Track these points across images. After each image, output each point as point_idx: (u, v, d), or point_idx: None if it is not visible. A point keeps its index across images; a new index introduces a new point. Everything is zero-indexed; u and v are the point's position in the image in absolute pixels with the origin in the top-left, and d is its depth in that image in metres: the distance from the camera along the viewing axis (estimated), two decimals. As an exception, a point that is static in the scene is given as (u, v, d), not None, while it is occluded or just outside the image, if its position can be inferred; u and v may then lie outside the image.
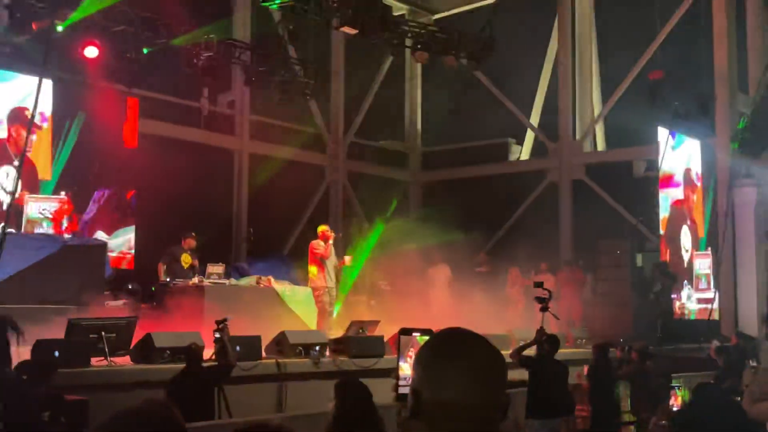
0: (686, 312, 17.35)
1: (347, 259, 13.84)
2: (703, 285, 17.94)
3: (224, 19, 17.50)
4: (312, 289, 13.29)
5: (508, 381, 1.98)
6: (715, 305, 17.05)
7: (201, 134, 18.14)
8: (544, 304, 10.03)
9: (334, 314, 13.76)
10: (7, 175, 13.71)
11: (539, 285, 10.41)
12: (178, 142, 17.24)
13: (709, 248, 18.13)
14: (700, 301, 17.71)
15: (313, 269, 13.28)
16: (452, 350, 1.95)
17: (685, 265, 17.91)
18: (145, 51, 14.44)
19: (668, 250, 17.40)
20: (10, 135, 13.88)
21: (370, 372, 10.00)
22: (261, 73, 16.58)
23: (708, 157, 18.19)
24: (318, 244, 13.24)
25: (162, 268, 13.08)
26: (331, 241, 13.36)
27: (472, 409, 1.88)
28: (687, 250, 18.00)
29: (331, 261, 13.35)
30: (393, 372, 4.64)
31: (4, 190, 13.62)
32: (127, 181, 15.80)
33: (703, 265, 18.14)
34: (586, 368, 10.88)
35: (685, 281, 17.64)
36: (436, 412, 1.88)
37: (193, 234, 13.41)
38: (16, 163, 13.61)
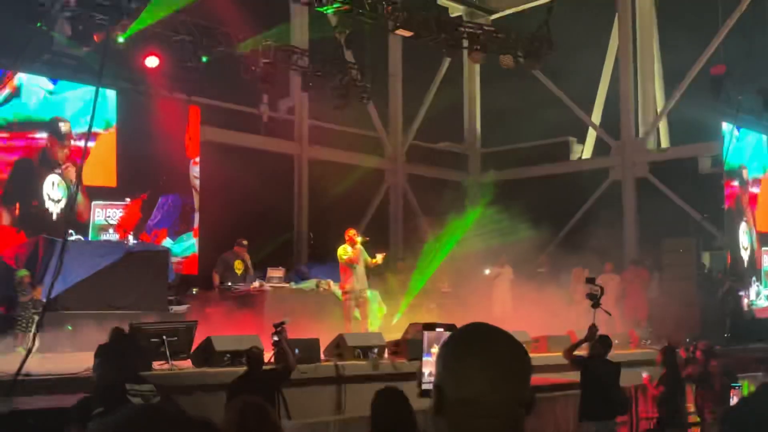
0: (755, 310, 16.91)
1: (379, 257, 13.41)
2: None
3: (281, 25, 17.65)
4: (342, 293, 13.05)
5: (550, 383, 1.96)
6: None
7: (261, 140, 18.37)
8: (595, 300, 9.89)
9: (369, 318, 13.33)
10: (53, 184, 14.08)
11: (591, 281, 10.29)
12: (238, 149, 17.47)
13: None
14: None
15: (342, 273, 13.08)
16: (474, 345, 1.93)
17: (746, 264, 17.46)
18: (204, 59, 14.66)
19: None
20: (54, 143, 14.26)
21: (429, 374, 9.98)
22: (319, 78, 16.70)
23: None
24: (345, 249, 13.03)
25: (216, 276, 13.25)
26: (358, 245, 13.11)
27: (494, 405, 1.86)
28: (746, 248, 17.54)
29: (361, 264, 13.11)
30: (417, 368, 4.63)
31: (52, 199, 13.98)
32: (190, 188, 16.09)
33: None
34: (645, 376, 10.69)
35: (753, 278, 17.20)
36: (459, 408, 1.87)
37: (245, 242, 13.55)
38: (58, 171, 14.03)
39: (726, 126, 16.83)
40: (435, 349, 2.96)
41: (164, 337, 9.09)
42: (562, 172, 21.52)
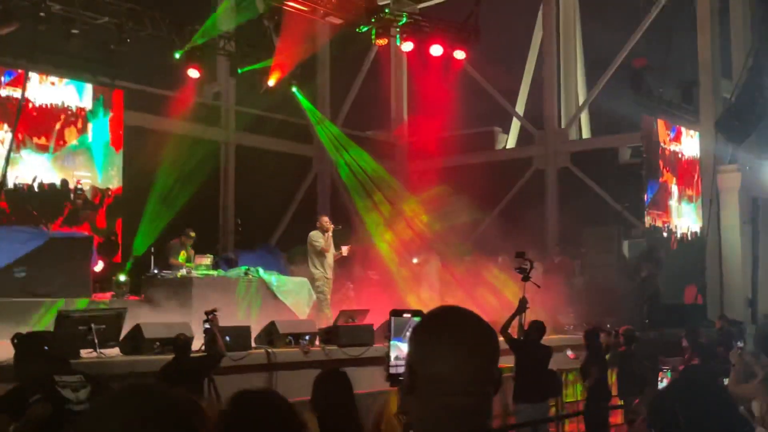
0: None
1: (345, 249, 13.68)
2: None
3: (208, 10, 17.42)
4: (311, 279, 13.19)
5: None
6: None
7: (187, 126, 18.07)
8: (525, 273, 10.18)
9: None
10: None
11: (521, 255, 10.55)
12: (163, 134, 17.17)
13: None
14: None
15: (312, 260, 13.18)
16: (445, 326, 1.99)
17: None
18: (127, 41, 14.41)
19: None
20: None
21: (360, 361, 10.05)
22: (246, 63, 16.55)
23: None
24: (317, 236, 13.12)
25: (174, 262, 13.03)
26: (329, 233, 13.23)
27: (465, 383, 1.91)
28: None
29: (330, 252, 13.25)
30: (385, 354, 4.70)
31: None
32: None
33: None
34: (570, 354, 10.98)
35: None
36: (430, 387, 1.92)
37: (192, 234, 13.43)
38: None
39: (646, 119, 17.27)
40: (402, 334, 3.01)
41: (92, 324, 8.93)
42: (487, 161, 21.79)
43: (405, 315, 2.72)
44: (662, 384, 8.52)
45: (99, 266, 14.27)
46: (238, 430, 2.58)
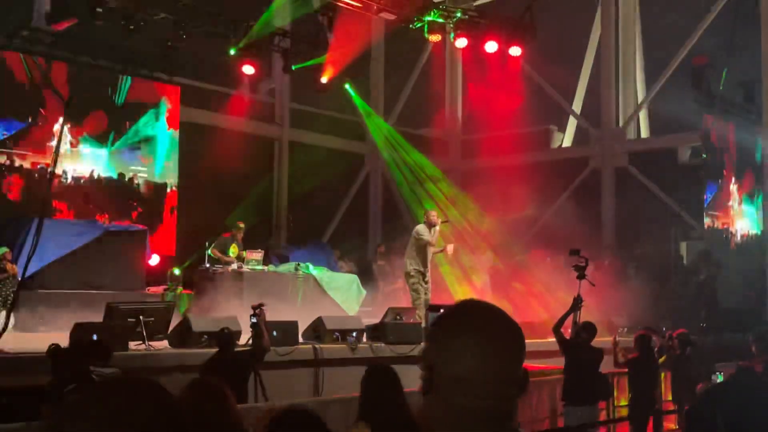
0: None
1: (450, 247, 13.11)
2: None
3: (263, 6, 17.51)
4: (406, 275, 12.75)
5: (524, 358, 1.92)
6: None
7: (241, 122, 18.22)
8: (580, 272, 10.00)
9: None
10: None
11: (576, 253, 10.37)
12: (218, 130, 17.34)
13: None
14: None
15: (411, 255, 12.66)
16: (467, 323, 1.89)
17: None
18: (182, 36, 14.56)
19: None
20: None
21: (407, 359, 9.97)
22: (300, 60, 16.59)
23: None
24: (424, 230, 12.63)
25: (216, 253, 13.11)
26: (437, 227, 12.77)
27: (486, 383, 1.82)
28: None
29: (433, 248, 12.76)
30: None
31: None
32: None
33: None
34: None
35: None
36: (450, 386, 1.83)
37: (242, 225, 13.51)
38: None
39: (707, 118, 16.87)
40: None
41: (141, 317, 9.02)
42: (543, 160, 21.53)
43: (442, 311, 2.63)
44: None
45: (155, 260, 14.45)
46: None
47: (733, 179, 17.76)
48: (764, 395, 2.95)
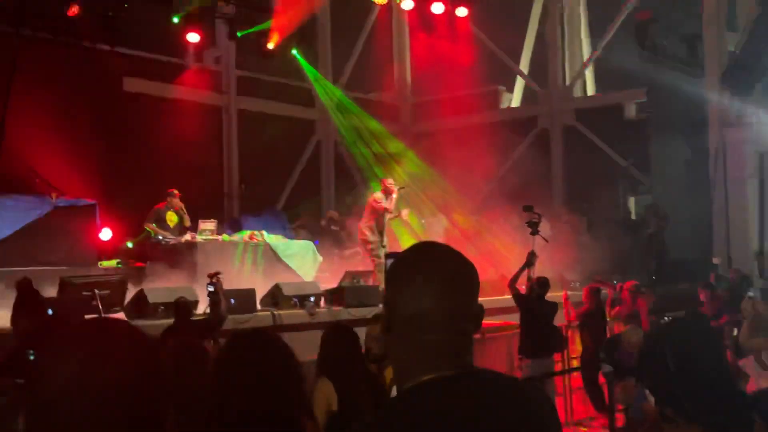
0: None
1: (405, 212, 13.13)
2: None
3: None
4: (362, 242, 12.85)
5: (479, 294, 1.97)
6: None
7: (187, 91, 17.98)
8: (534, 228, 10.17)
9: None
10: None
11: (529, 209, 10.53)
12: (164, 101, 17.09)
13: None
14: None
15: (367, 222, 12.70)
16: (421, 262, 1.94)
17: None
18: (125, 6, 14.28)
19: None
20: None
21: (366, 321, 10.02)
22: (245, 26, 16.40)
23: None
24: (381, 197, 12.64)
25: (150, 227, 12.97)
26: (394, 195, 12.72)
27: (443, 319, 1.87)
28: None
29: (389, 215, 12.76)
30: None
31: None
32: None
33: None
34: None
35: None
36: (408, 324, 1.88)
37: (175, 192, 13.27)
38: None
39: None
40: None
41: (96, 290, 8.94)
42: (492, 120, 21.64)
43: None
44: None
45: (106, 234, 14.26)
46: (233, 368, 2.62)
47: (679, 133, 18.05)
48: (710, 336, 3.05)
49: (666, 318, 9.75)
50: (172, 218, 12.99)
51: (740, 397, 2.99)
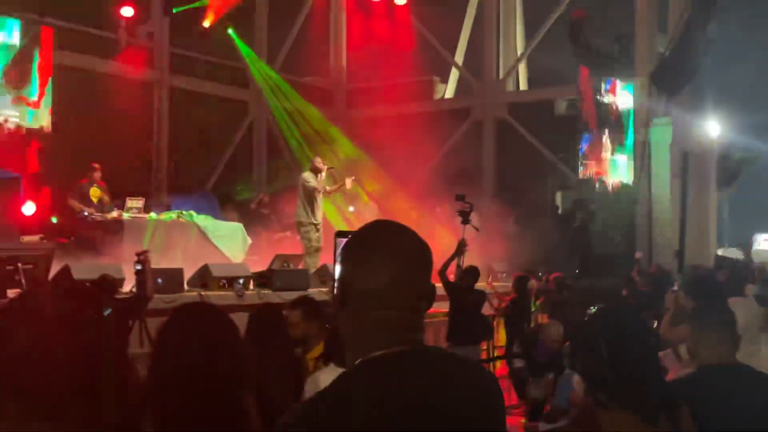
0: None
1: (349, 181, 12.88)
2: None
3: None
4: (298, 224, 12.73)
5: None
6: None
7: (119, 67, 17.59)
8: (465, 217, 10.29)
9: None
10: None
11: (461, 198, 10.63)
12: (94, 74, 16.70)
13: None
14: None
15: (301, 204, 12.54)
16: (378, 240, 1.95)
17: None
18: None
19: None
20: None
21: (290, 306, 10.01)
22: (181, 3, 16.13)
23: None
24: (309, 176, 12.48)
25: (74, 203, 12.68)
26: (323, 174, 12.61)
27: (397, 297, 1.88)
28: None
29: (321, 194, 12.67)
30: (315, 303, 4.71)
31: None
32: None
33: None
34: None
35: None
36: (362, 300, 1.89)
37: (97, 166, 13.00)
38: None
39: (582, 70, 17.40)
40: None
41: (19, 264, 8.72)
42: (426, 110, 21.74)
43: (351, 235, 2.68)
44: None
45: (30, 208, 13.88)
46: (176, 335, 2.64)
47: (606, 131, 18.41)
48: (641, 324, 3.15)
49: (593, 308, 9.94)
50: (95, 193, 12.74)
51: (667, 384, 3.09)
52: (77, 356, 1.47)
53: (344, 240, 2.89)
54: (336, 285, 1.97)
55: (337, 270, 2.03)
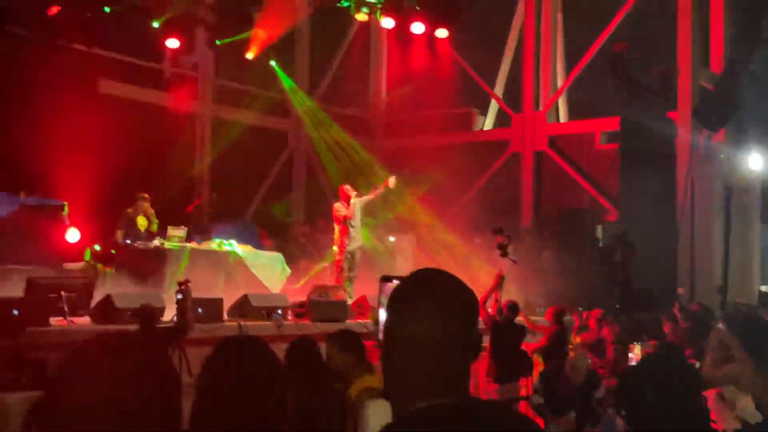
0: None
1: (392, 180, 12.86)
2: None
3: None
4: (334, 254, 12.81)
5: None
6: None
7: (163, 97, 17.89)
8: (503, 250, 10.22)
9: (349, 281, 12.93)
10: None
11: (499, 231, 10.58)
12: (138, 104, 16.98)
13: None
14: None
15: (336, 232, 12.65)
16: (424, 288, 1.96)
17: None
18: (106, 9, 14.18)
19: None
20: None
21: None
22: (225, 35, 16.38)
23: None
24: (340, 206, 12.57)
25: (119, 234, 12.89)
26: (354, 200, 12.61)
27: (442, 346, 1.89)
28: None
29: (357, 221, 12.62)
30: (372, 317, 4.71)
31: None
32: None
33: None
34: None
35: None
36: (408, 349, 1.89)
37: (145, 195, 13.19)
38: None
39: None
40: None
41: (62, 292, 8.83)
42: (464, 142, 21.76)
43: (395, 281, 2.66)
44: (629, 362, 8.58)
45: (74, 235, 14.09)
46: (220, 372, 2.66)
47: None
48: (687, 369, 3.10)
49: (637, 343, 9.83)
50: (142, 222, 12.91)
51: (712, 428, 3.04)
52: (149, 406, 1.48)
53: (388, 284, 2.90)
54: (381, 332, 1.98)
55: (382, 316, 2.05)
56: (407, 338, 1.89)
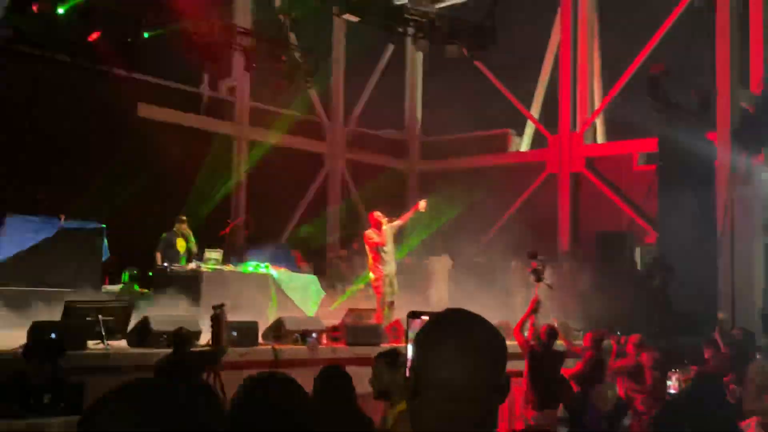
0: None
1: (422, 203, 12.71)
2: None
3: (225, 5, 17.44)
4: (369, 279, 12.75)
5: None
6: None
7: (201, 120, 18.09)
8: (538, 275, 10.12)
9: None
10: None
11: (534, 256, 10.48)
12: (177, 128, 17.19)
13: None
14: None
15: (369, 260, 12.57)
16: (452, 330, 1.94)
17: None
18: (146, 35, 14.39)
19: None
20: None
21: (367, 360, 9.98)
22: (261, 59, 16.54)
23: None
24: (371, 233, 12.49)
25: (158, 256, 13.01)
26: (385, 227, 12.49)
27: (470, 389, 1.86)
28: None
29: (389, 246, 12.52)
30: (402, 356, 4.68)
31: None
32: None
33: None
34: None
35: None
36: (435, 391, 1.87)
37: (183, 217, 13.32)
38: None
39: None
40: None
41: (100, 315, 8.91)
42: (500, 163, 21.71)
43: (423, 317, 2.62)
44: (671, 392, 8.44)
45: (113, 259, 14.24)
46: (249, 411, 2.65)
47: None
48: (724, 403, 3.04)
49: (676, 369, 9.65)
50: (181, 244, 13.05)
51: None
52: None
53: (415, 320, 2.87)
54: (408, 372, 1.96)
55: (410, 355, 2.02)
56: (435, 381, 1.87)
